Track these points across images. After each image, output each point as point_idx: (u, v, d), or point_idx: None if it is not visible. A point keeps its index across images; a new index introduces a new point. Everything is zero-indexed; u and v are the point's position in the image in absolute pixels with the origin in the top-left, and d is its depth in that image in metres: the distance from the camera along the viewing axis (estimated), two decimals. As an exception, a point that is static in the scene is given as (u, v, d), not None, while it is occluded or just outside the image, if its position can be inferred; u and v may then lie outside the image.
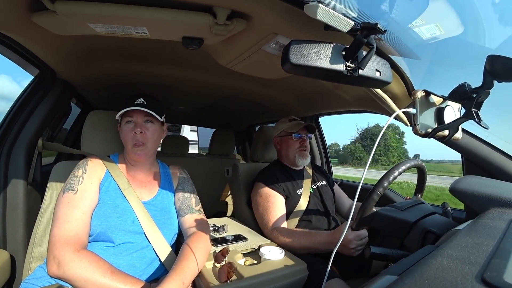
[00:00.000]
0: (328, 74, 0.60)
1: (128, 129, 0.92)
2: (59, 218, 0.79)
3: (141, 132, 0.91)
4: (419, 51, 0.90)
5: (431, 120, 0.73)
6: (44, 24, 0.79)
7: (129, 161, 0.99)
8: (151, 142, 0.95)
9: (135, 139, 0.91)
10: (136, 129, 0.91)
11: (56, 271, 0.71)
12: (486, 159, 0.98)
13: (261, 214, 1.26)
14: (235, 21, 0.77)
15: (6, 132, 1.09)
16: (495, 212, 0.58)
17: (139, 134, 0.91)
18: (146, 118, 0.94)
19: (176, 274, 0.73)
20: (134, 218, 0.88)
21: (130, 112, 0.92)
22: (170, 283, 0.70)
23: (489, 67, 0.63)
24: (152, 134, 0.94)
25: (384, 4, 0.73)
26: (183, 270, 0.75)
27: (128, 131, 0.92)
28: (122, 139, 0.95)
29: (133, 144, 0.92)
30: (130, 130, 0.91)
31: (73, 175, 0.88)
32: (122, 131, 0.95)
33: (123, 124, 0.94)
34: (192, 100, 2.05)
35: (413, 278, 0.33)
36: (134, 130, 0.91)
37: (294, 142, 1.40)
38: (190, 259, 0.79)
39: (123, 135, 0.94)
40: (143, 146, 0.92)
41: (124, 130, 0.93)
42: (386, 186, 0.81)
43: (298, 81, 1.46)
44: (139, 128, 0.91)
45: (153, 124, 0.95)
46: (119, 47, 1.13)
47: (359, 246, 0.97)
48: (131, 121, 0.93)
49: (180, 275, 0.74)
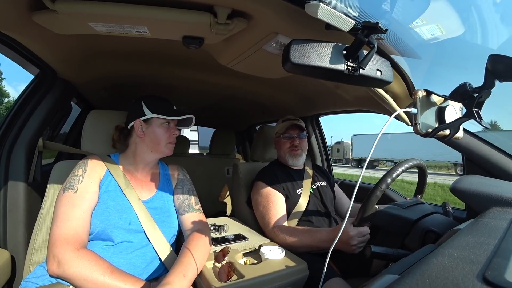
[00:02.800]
0: (329, 73, 0.60)
1: (165, 129, 0.99)
2: (59, 217, 0.79)
3: (174, 134, 1.02)
4: (420, 50, 0.90)
5: (432, 120, 0.73)
6: (44, 24, 0.79)
7: (133, 159, 0.99)
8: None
9: (172, 138, 1.01)
10: (175, 131, 1.02)
11: (56, 270, 0.71)
12: (487, 159, 0.98)
13: (262, 213, 1.26)
14: (236, 21, 0.77)
15: (7, 132, 1.09)
16: (496, 211, 0.58)
17: (173, 135, 1.01)
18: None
19: (179, 269, 0.75)
20: (134, 216, 0.88)
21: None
22: (176, 276, 0.72)
23: (491, 67, 0.63)
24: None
25: (385, 4, 0.73)
26: (186, 267, 0.77)
27: (165, 131, 0.99)
28: (151, 137, 0.97)
29: (169, 141, 1.00)
30: (168, 131, 1.00)
31: (73, 174, 0.88)
32: (155, 131, 0.97)
33: (158, 125, 0.98)
34: (193, 100, 2.05)
35: (414, 277, 0.33)
36: (173, 132, 1.01)
37: (284, 142, 1.41)
38: (192, 257, 0.80)
39: (159, 134, 0.98)
40: (174, 144, 1.03)
41: (160, 131, 0.98)
42: (389, 183, 0.82)
43: (299, 81, 1.46)
44: (175, 131, 1.02)
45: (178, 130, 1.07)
46: (119, 47, 1.13)
47: (360, 243, 0.97)
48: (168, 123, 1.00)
49: (183, 271, 0.75)
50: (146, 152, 0.99)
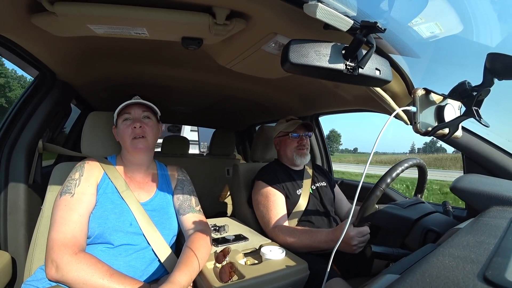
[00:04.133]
0: (328, 73, 0.60)
1: (126, 125, 0.93)
2: (56, 221, 0.79)
3: (140, 127, 0.92)
4: (418, 49, 0.90)
5: (431, 119, 0.73)
6: (43, 26, 0.79)
7: (128, 160, 0.99)
8: (150, 136, 0.95)
9: (134, 132, 0.91)
10: (135, 123, 0.91)
11: (54, 274, 0.71)
12: (487, 157, 0.98)
13: (262, 212, 1.26)
14: (235, 21, 0.77)
15: (7, 134, 1.09)
16: (496, 210, 0.58)
17: (138, 128, 0.91)
18: (144, 114, 0.95)
19: (182, 268, 0.76)
20: (132, 219, 0.88)
21: (127, 109, 0.93)
22: (180, 274, 0.73)
23: (489, 65, 0.63)
24: (151, 129, 0.95)
25: (384, 3, 0.73)
26: (189, 267, 0.77)
27: (126, 127, 0.92)
28: (120, 137, 0.96)
29: (132, 137, 0.91)
30: (129, 126, 0.92)
31: (70, 178, 0.88)
32: (119, 129, 0.95)
33: (121, 122, 0.94)
34: (192, 100, 2.05)
35: (414, 277, 0.33)
36: (133, 125, 0.91)
37: (292, 142, 1.40)
38: (194, 257, 0.80)
39: (121, 132, 0.93)
40: (143, 138, 0.92)
41: (122, 127, 0.93)
42: (389, 183, 0.81)
43: (298, 81, 1.46)
44: (138, 122, 0.92)
45: (151, 120, 0.97)
46: (118, 48, 1.13)
47: (361, 243, 0.97)
48: (129, 118, 0.93)
49: (186, 270, 0.76)
50: (125, 153, 0.99)
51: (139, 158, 0.98)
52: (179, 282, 0.72)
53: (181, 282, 0.72)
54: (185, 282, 0.73)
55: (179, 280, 0.72)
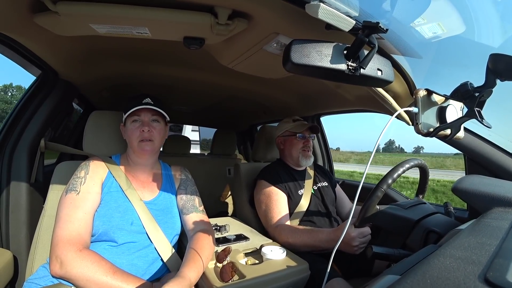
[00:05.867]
0: (330, 73, 0.60)
1: (134, 127, 0.93)
2: (61, 218, 0.79)
3: (149, 130, 0.93)
4: (421, 50, 0.89)
5: (433, 119, 0.73)
6: (46, 25, 0.79)
7: (132, 160, 0.99)
8: (157, 139, 0.97)
9: (142, 135, 0.93)
10: (144, 127, 0.92)
11: (58, 270, 0.72)
12: (489, 158, 0.97)
13: (264, 212, 1.26)
14: (236, 21, 0.77)
15: (9, 133, 1.09)
16: (498, 211, 0.58)
17: (146, 132, 0.92)
18: (153, 118, 0.96)
19: (190, 265, 0.77)
20: (136, 218, 0.88)
21: (137, 111, 0.94)
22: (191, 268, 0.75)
23: (492, 66, 0.63)
24: (158, 133, 0.96)
25: (386, 3, 0.73)
26: (196, 263, 0.78)
27: (134, 129, 0.93)
28: (127, 137, 0.96)
29: (140, 140, 0.93)
30: (137, 128, 0.93)
31: (76, 176, 0.89)
32: (127, 130, 0.95)
33: (129, 123, 0.95)
34: (194, 100, 2.05)
35: (415, 277, 0.33)
36: (141, 128, 0.92)
37: (298, 142, 1.40)
38: (199, 256, 0.81)
39: (129, 133, 0.94)
40: (150, 142, 0.94)
41: (130, 129, 0.94)
42: (390, 184, 0.81)
43: (300, 81, 1.46)
44: (147, 126, 0.93)
45: (159, 124, 0.97)
46: (120, 48, 1.13)
47: (362, 244, 0.97)
48: (138, 120, 0.94)
49: (193, 267, 0.77)
50: (131, 152, 0.99)
51: (145, 159, 0.99)
52: (189, 277, 0.73)
53: (190, 277, 0.73)
54: (193, 278, 0.74)
55: (189, 275, 0.73)
